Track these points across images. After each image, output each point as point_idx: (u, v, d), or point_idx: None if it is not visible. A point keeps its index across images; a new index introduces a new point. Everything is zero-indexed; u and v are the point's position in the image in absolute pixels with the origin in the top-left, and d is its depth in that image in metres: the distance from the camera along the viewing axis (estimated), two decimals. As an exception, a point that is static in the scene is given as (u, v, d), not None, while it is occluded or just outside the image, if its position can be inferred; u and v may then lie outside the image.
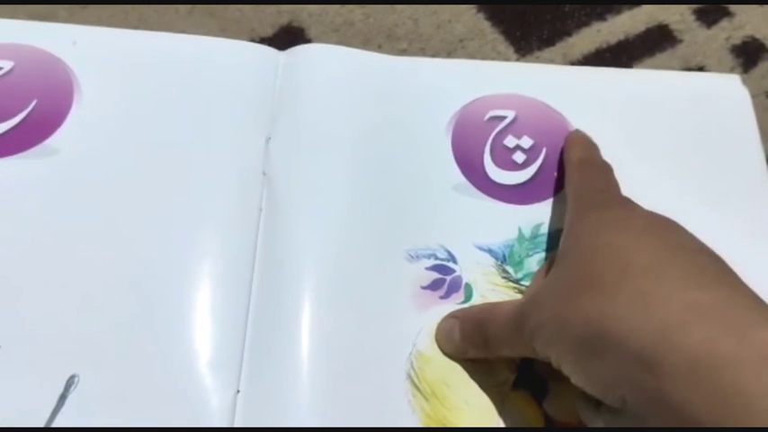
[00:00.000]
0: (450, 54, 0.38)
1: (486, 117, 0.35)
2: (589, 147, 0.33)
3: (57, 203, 0.30)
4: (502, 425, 0.28)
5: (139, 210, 0.31)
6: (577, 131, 0.34)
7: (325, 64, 0.35)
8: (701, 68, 0.39)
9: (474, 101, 0.35)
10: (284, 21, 0.38)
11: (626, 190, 0.33)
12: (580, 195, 0.29)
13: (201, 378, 0.27)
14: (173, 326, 0.28)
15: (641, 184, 0.34)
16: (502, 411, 0.28)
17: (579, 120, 0.35)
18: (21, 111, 0.32)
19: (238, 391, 0.27)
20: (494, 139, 0.34)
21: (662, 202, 0.33)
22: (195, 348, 0.28)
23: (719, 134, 0.36)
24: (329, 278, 0.30)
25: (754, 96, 0.37)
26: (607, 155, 0.34)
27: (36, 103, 0.33)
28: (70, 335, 0.28)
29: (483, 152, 0.34)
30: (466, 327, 0.28)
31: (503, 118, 0.35)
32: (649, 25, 0.40)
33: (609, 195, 0.29)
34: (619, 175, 0.34)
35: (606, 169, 0.31)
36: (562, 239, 0.28)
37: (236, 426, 0.27)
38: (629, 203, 0.28)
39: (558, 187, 0.33)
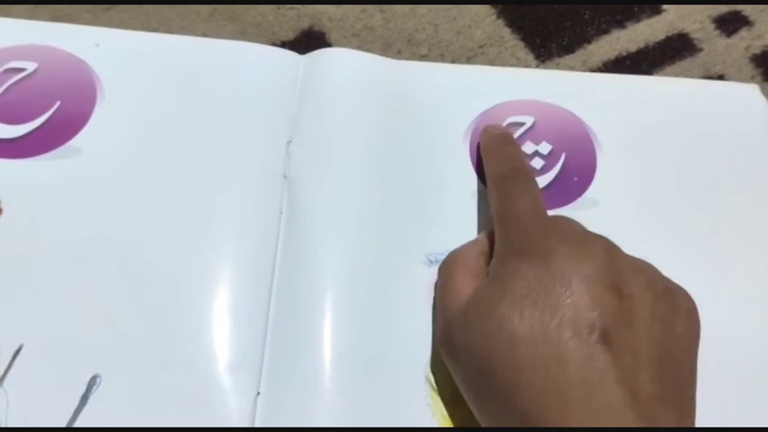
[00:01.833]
0: (469, 60, 0.38)
1: (505, 123, 0.35)
2: (504, 153, 0.32)
3: (80, 204, 0.31)
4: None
5: (161, 211, 0.31)
6: (488, 132, 0.34)
7: (345, 68, 0.35)
8: (720, 77, 0.39)
9: (493, 107, 0.35)
10: (305, 25, 0.39)
11: (642, 194, 0.33)
12: (502, 223, 0.28)
13: (222, 380, 0.27)
14: (194, 328, 0.28)
15: (659, 191, 0.34)
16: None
17: (598, 126, 0.35)
18: (44, 112, 0.33)
19: (258, 393, 0.27)
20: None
21: (678, 207, 0.34)
22: (216, 350, 0.28)
23: (738, 143, 0.36)
24: (349, 281, 0.30)
25: (773, 106, 0.37)
26: (625, 160, 0.34)
27: (60, 104, 0.33)
28: (92, 335, 0.28)
29: None
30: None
31: (521, 124, 0.35)
32: (669, 33, 0.40)
33: (530, 232, 0.27)
34: (636, 179, 0.34)
35: (525, 185, 0.29)
36: (492, 263, 0.27)
37: (256, 427, 0.27)
38: (542, 247, 0.26)
39: (578, 193, 0.33)
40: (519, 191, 0.29)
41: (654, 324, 0.24)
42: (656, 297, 0.25)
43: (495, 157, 0.32)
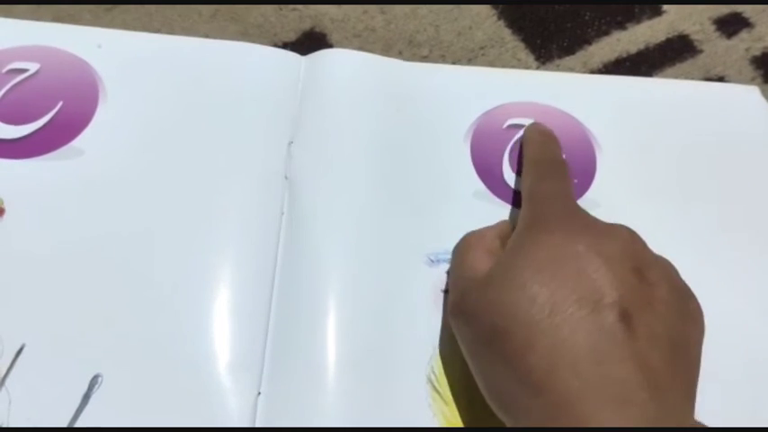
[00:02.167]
0: (470, 61, 0.38)
1: (505, 125, 0.35)
2: (545, 144, 0.33)
3: (82, 204, 0.31)
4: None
5: (162, 212, 0.31)
6: (534, 126, 0.34)
7: (346, 69, 0.35)
8: (720, 79, 0.39)
9: (493, 109, 0.35)
10: (306, 26, 0.39)
11: (643, 196, 0.34)
12: (530, 199, 0.29)
13: (223, 380, 0.28)
14: (195, 327, 0.28)
15: (659, 193, 0.34)
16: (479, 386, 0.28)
17: (598, 128, 0.35)
18: (47, 112, 0.33)
19: (259, 393, 0.28)
20: (512, 147, 0.35)
21: (679, 209, 0.34)
22: (217, 350, 0.28)
23: (738, 144, 0.36)
24: (350, 281, 0.30)
25: (773, 108, 0.37)
26: (625, 162, 0.35)
27: (62, 105, 0.33)
28: (94, 335, 0.28)
29: (501, 160, 0.34)
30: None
31: (522, 126, 0.35)
32: (669, 35, 0.40)
33: (556, 210, 0.28)
34: (636, 181, 0.34)
35: (559, 172, 0.31)
36: (514, 235, 0.28)
37: (257, 427, 0.27)
38: (568, 225, 0.27)
39: (578, 194, 0.33)
40: (552, 174, 0.30)
41: (670, 312, 0.24)
42: (673, 289, 0.25)
43: (535, 144, 0.33)
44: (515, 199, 0.33)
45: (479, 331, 0.25)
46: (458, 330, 0.27)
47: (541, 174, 0.30)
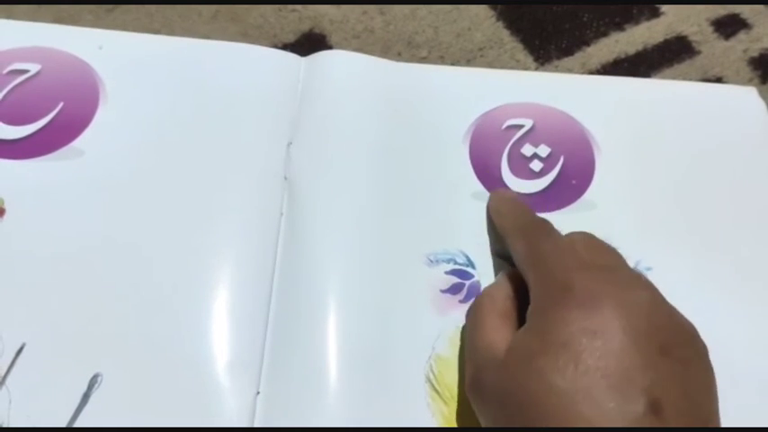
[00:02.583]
0: (469, 62, 0.39)
1: (504, 126, 0.35)
2: (519, 209, 0.31)
3: (82, 204, 0.31)
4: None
5: (162, 212, 0.31)
6: (498, 194, 0.33)
7: (345, 71, 0.36)
8: (718, 79, 0.39)
9: (492, 109, 0.36)
10: (306, 27, 0.39)
11: (641, 198, 0.34)
12: (535, 266, 0.27)
13: (222, 379, 0.28)
14: (194, 327, 0.29)
15: (657, 194, 0.34)
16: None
17: (596, 129, 0.35)
18: (47, 113, 0.33)
19: (258, 393, 0.28)
20: (511, 148, 0.35)
21: (677, 210, 0.34)
22: (216, 350, 0.28)
23: (736, 145, 0.36)
24: (349, 281, 0.30)
25: (771, 108, 0.37)
26: (623, 163, 0.35)
27: (62, 106, 0.33)
28: (94, 335, 0.28)
29: (500, 160, 0.34)
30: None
31: (520, 126, 0.35)
32: (667, 36, 0.41)
33: (567, 270, 0.25)
34: (635, 182, 0.34)
35: (551, 231, 0.29)
36: (529, 311, 0.26)
37: (255, 427, 0.27)
38: (586, 292, 0.24)
39: (576, 195, 0.34)
40: (545, 234, 0.28)
41: (700, 387, 0.23)
42: (701, 358, 0.24)
43: (509, 213, 0.31)
44: None
45: (498, 415, 0.24)
46: (475, 406, 0.26)
47: (534, 236, 0.28)
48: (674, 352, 0.23)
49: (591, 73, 0.39)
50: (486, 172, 0.34)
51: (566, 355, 0.23)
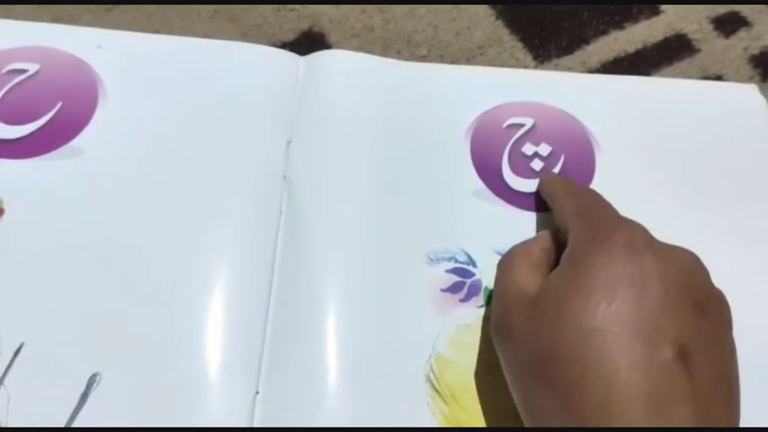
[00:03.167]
0: (469, 61, 0.39)
1: (505, 124, 0.35)
2: (570, 182, 0.32)
3: (81, 203, 0.31)
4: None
5: (161, 211, 0.31)
6: (544, 177, 0.33)
7: (345, 69, 0.35)
8: (719, 78, 0.39)
9: (493, 108, 0.36)
10: (305, 26, 0.39)
11: (642, 196, 0.34)
12: (580, 217, 0.27)
13: (221, 379, 0.28)
14: (193, 327, 0.29)
15: (658, 192, 0.34)
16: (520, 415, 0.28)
17: (597, 127, 0.35)
18: (46, 112, 0.33)
19: (257, 393, 0.28)
20: (512, 147, 0.35)
21: (678, 209, 0.34)
22: (215, 349, 0.28)
23: (737, 143, 0.36)
24: (349, 280, 0.30)
25: (772, 106, 0.37)
26: (624, 162, 0.35)
27: (61, 105, 0.33)
28: (92, 334, 0.28)
29: (501, 159, 0.34)
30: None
31: (521, 125, 0.35)
32: (667, 34, 0.40)
33: (613, 224, 0.26)
34: (636, 181, 0.34)
35: (600, 198, 0.29)
36: (566, 252, 0.26)
37: (255, 427, 0.27)
38: (628, 240, 0.25)
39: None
40: (595, 195, 0.29)
41: (727, 354, 0.23)
42: (730, 328, 0.24)
43: (560, 182, 0.32)
44: (515, 198, 0.33)
45: (523, 356, 0.24)
46: (499, 348, 0.26)
47: (584, 197, 0.29)
48: (708, 312, 0.23)
49: (591, 71, 0.39)
50: (487, 170, 0.34)
51: (598, 297, 0.23)
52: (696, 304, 0.23)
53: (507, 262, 0.28)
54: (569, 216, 0.28)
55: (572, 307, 0.23)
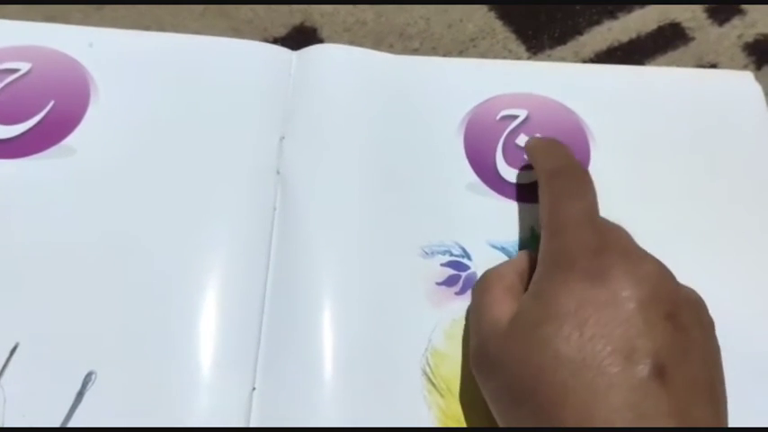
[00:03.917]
0: (461, 53, 0.38)
1: (499, 116, 0.35)
2: (555, 149, 0.31)
3: (74, 202, 0.31)
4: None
5: (155, 209, 0.31)
6: (534, 138, 0.33)
7: (337, 64, 0.35)
8: (713, 66, 0.39)
9: (486, 100, 0.35)
10: (296, 21, 0.39)
11: (638, 187, 0.34)
12: (550, 229, 0.27)
13: (217, 375, 0.28)
14: (188, 324, 0.29)
15: (653, 181, 0.34)
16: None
17: (591, 118, 0.35)
18: (38, 111, 0.33)
19: (254, 389, 0.28)
20: (506, 139, 0.35)
21: (674, 198, 0.34)
22: (211, 346, 0.28)
23: (733, 131, 0.36)
24: (344, 275, 0.30)
25: (767, 93, 0.37)
26: (619, 152, 0.35)
27: (53, 104, 0.33)
28: (87, 333, 0.28)
29: (495, 152, 0.34)
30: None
31: (515, 117, 0.35)
32: (661, 23, 0.40)
33: (579, 243, 0.25)
34: (631, 171, 0.34)
35: (580, 184, 0.28)
36: (535, 277, 0.26)
37: (252, 424, 0.27)
38: (593, 263, 0.25)
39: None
40: (573, 192, 0.28)
41: (705, 356, 0.23)
42: (705, 328, 0.24)
43: (547, 153, 0.31)
44: (509, 191, 0.33)
45: (503, 388, 0.24)
46: (480, 382, 0.26)
47: (561, 191, 0.28)
48: (680, 320, 0.23)
49: (584, 62, 0.39)
50: (481, 163, 0.34)
51: (571, 323, 0.23)
52: (667, 316, 0.23)
53: (481, 288, 0.28)
54: (543, 219, 0.28)
55: (546, 335, 0.23)
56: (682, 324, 0.23)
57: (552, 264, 0.26)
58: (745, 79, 0.38)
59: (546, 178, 0.29)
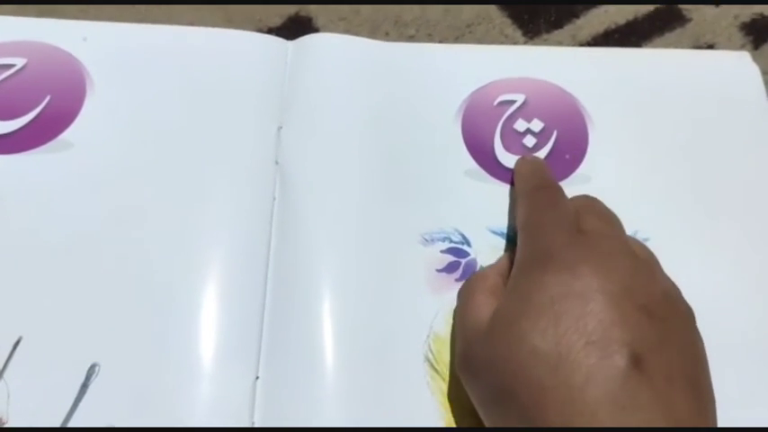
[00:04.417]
0: (458, 39, 0.38)
1: (496, 102, 0.35)
2: (534, 172, 0.32)
3: (73, 196, 0.31)
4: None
5: (154, 200, 0.31)
6: (522, 158, 0.33)
7: (333, 53, 0.35)
8: (710, 47, 0.39)
9: (484, 86, 0.35)
10: (291, 10, 0.39)
11: (637, 171, 0.33)
12: (524, 233, 0.28)
13: (220, 365, 0.28)
14: (191, 315, 0.29)
15: (652, 165, 0.34)
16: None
17: (589, 101, 0.35)
18: (35, 107, 0.33)
19: (257, 378, 0.28)
20: (504, 124, 0.34)
21: (673, 181, 0.33)
22: (213, 336, 0.28)
23: (730, 111, 0.36)
24: (344, 264, 0.30)
25: (764, 73, 0.37)
26: (617, 135, 0.34)
27: (50, 99, 0.33)
28: (90, 325, 0.28)
29: (493, 137, 0.34)
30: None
31: (513, 102, 0.35)
32: (658, 5, 0.40)
33: (551, 241, 0.26)
34: (628, 155, 0.34)
35: (552, 198, 0.29)
36: (511, 277, 0.27)
37: (256, 412, 0.27)
38: (566, 258, 0.25)
39: (570, 169, 0.33)
40: (548, 201, 0.28)
41: (683, 345, 0.23)
42: (683, 318, 0.24)
43: (524, 175, 0.32)
44: (508, 176, 0.33)
45: (486, 389, 0.25)
46: (466, 384, 0.26)
47: (537, 202, 0.29)
48: (656, 312, 0.23)
49: (581, 45, 0.39)
50: (480, 149, 0.34)
51: (545, 318, 0.23)
52: (641, 308, 0.23)
53: (466, 291, 0.28)
54: (520, 225, 0.28)
55: (522, 331, 0.23)
56: (658, 315, 0.23)
57: (528, 260, 0.26)
58: (742, 60, 0.37)
59: (521, 196, 0.30)
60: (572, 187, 0.32)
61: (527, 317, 0.24)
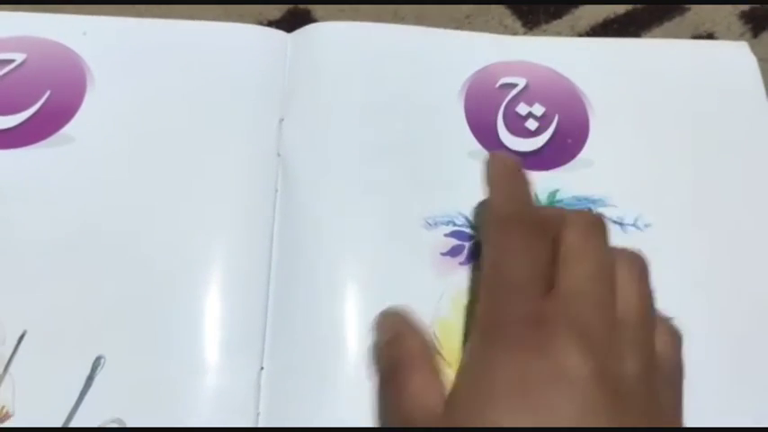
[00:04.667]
0: (457, 29, 0.38)
1: (498, 84, 0.35)
2: (511, 188, 0.27)
3: (75, 190, 0.31)
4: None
5: (156, 194, 0.31)
6: (496, 157, 0.29)
7: (333, 40, 0.35)
8: (710, 36, 0.39)
9: (485, 67, 0.35)
10: (290, 3, 0.38)
11: (638, 157, 0.34)
12: (485, 289, 0.25)
13: (225, 356, 0.28)
14: (194, 306, 0.29)
15: (652, 151, 0.34)
16: None
17: (590, 89, 0.35)
18: (36, 101, 0.33)
19: (262, 368, 0.28)
20: (506, 106, 0.34)
21: (673, 167, 0.34)
22: (217, 328, 0.28)
23: (728, 101, 0.36)
24: (348, 252, 0.30)
25: (764, 60, 0.37)
26: (617, 123, 0.34)
27: (50, 94, 0.33)
28: (95, 317, 0.28)
29: (496, 119, 0.34)
30: None
31: (514, 85, 0.35)
32: (656, -6, 0.40)
33: (514, 308, 0.23)
34: (629, 141, 0.34)
35: (525, 234, 0.25)
36: (468, 347, 0.24)
37: (261, 403, 0.27)
38: (526, 335, 0.23)
39: (572, 154, 0.33)
40: (522, 245, 0.24)
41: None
42: (669, 379, 0.24)
43: (502, 189, 0.27)
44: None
45: None
46: None
47: (508, 243, 0.25)
48: (623, 393, 0.22)
49: (580, 35, 0.39)
50: (483, 130, 0.34)
51: (519, 405, 0.21)
52: (614, 392, 0.21)
53: (395, 381, 0.25)
54: (484, 265, 0.25)
55: (492, 420, 0.21)
56: (627, 396, 0.22)
57: (489, 332, 0.23)
58: (740, 50, 0.38)
59: (496, 219, 0.26)
60: (575, 172, 0.32)
61: (494, 405, 0.21)
